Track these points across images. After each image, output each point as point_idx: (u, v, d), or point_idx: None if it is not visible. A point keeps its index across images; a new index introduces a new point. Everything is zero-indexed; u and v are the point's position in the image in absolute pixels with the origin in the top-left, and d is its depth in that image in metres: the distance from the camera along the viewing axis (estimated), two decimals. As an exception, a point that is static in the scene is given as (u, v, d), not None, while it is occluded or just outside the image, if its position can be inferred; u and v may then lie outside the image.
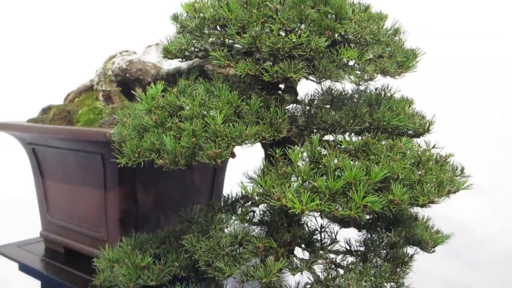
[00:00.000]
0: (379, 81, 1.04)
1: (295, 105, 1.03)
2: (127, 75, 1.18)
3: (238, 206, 0.97)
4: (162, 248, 1.01)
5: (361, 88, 1.00)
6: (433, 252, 1.18)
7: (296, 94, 1.05)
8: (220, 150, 0.77)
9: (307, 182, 0.78)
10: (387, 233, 1.01)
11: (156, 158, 0.81)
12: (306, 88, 1.03)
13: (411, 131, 0.99)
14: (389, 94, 1.02)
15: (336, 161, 0.81)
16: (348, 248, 0.95)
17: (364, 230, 1.02)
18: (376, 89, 1.01)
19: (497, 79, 2.24)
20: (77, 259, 1.27)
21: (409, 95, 1.06)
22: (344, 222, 1.02)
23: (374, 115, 0.94)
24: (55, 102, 1.32)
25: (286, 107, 0.98)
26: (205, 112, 0.84)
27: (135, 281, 0.94)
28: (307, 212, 0.75)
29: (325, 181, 0.77)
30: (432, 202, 0.81)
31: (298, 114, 1.00)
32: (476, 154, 2.27)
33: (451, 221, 2.28)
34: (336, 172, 0.79)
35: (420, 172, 0.84)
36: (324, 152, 0.84)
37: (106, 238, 1.15)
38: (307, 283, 0.89)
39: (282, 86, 1.04)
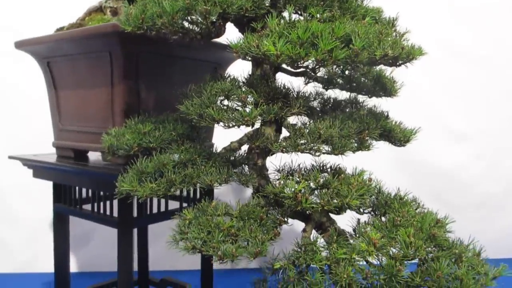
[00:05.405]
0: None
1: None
2: (132, -9, 1.35)
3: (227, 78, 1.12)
4: (162, 125, 1.17)
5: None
6: (402, 146, 1.32)
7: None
8: (210, 7, 0.93)
9: (282, 36, 0.94)
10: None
11: (157, 19, 0.97)
12: None
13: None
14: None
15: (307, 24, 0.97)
16: (321, 106, 1.10)
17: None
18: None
19: (478, 27, 2.39)
20: (85, 160, 1.43)
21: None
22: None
23: (343, 4, 1.10)
24: (67, 25, 1.48)
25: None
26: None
27: (138, 143, 1.09)
28: (282, 57, 0.91)
29: (296, 33, 0.92)
30: (387, 55, 0.96)
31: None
32: (458, 103, 2.42)
33: (434, 167, 2.43)
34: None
35: (378, 37, 1.00)
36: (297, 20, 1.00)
37: (112, 131, 1.30)
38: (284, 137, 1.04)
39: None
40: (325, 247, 0.96)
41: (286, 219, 1.01)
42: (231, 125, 0.97)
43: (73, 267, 2.24)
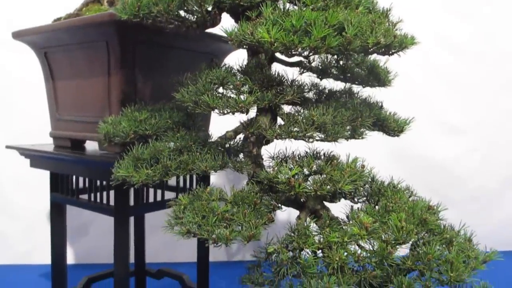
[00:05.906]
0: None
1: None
2: (129, -18, 1.36)
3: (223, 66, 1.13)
4: (158, 114, 1.18)
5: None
6: (396, 136, 1.33)
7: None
8: (205, -4, 0.95)
9: (276, 24, 0.95)
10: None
11: (153, 7, 0.98)
12: None
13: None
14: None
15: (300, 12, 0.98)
16: (316, 97, 1.11)
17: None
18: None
19: (475, 21, 2.40)
20: (82, 149, 1.44)
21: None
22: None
23: (337, -5, 1.12)
24: (64, 17, 1.49)
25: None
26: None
27: (134, 130, 1.10)
28: (276, 45, 0.92)
29: (290, 21, 0.94)
30: (379, 43, 0.97)
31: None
32: (454, 97, 2.44)
33: (430, 161, 2.45)
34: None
35: (371, 26, 1.01)
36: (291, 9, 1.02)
37: (109, 120, 1.31)
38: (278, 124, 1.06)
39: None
40: (318, 232, 0.97)
41: (279, 205, 1.03)
42: (225, 111, 0.98)
43: (71, 259, 2.26)
